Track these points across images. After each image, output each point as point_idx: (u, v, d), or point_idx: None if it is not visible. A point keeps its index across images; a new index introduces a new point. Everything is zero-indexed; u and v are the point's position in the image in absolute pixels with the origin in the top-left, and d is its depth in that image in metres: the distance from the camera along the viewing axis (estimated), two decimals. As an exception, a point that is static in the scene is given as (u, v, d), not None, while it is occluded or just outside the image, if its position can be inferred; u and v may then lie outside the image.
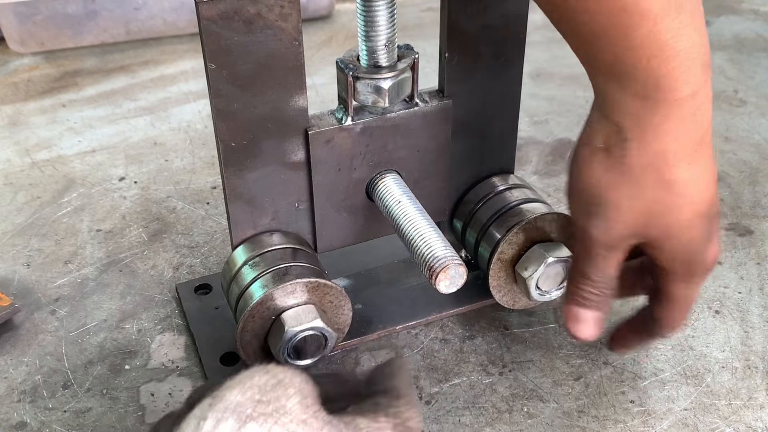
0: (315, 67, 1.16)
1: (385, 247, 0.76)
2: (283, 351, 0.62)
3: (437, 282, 0.58)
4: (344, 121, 0.64)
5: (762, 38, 1.24)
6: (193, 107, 1.08)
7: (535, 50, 1.20)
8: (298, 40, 0.59)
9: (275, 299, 0.62)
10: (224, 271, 0.67)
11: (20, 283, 0.78)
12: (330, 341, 0.63)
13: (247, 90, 0.59)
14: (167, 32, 1.25)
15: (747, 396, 0.65)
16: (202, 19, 0.55)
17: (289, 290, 0.62)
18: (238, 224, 0.65)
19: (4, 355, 0.70)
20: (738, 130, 1.00)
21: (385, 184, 0.66)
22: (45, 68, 1.18)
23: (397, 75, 0.62)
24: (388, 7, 0.60)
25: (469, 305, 0.73)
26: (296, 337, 0.61)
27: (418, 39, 1.21)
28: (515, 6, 0.65)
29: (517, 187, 0.72)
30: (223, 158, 0.62)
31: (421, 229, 0.60)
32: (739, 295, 0.75)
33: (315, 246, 0.69)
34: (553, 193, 0.89)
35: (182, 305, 0.74)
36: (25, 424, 0.64)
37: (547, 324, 0.72)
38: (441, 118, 0.67)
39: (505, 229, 0.67)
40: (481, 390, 0.66)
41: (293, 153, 0.64)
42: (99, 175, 0.94)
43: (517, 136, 0.73)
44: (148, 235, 0.84)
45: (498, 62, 0.67)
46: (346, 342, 0.69)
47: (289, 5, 0.57)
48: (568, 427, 0.63)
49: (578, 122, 1.03)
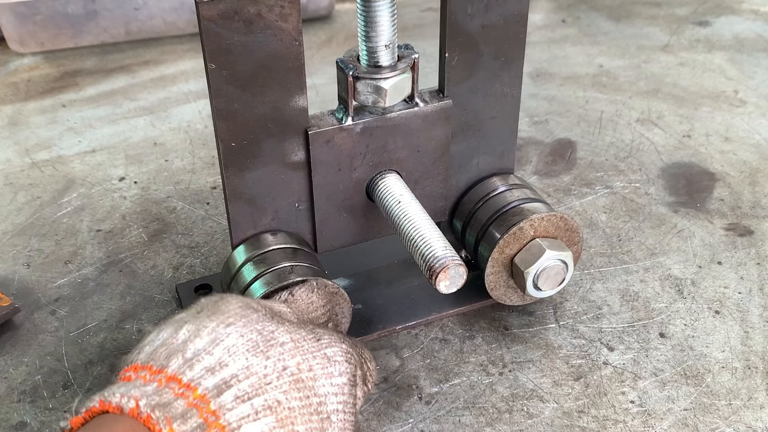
0: (315, 67, 1.16)
1: (385, 247, 0.76)
2: None
3: (437, 282, 0.58)
4: (344, 121, 0.64)
5: (762, 38, 1.24)
6: (193, 107, 1.08)
7: (535, 50, 1.20)
8: (298, 40, 0.59)
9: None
10: (224, 271, 0.67)
11: (20, 283, 0.78)
12: None
13: (248, 90, 0.59)
14: (167, 32, 1.25)
15: (747, 396, 0.65)
16: (202, 19, 0.55)
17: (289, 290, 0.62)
18: (238, 224, 0.65)
19: (4, 355, 0.70)
20: (738, 130, 1.00)
21: (386, 184, 0.66)
22: (45, 68, 1.18)
23: (397, 75, 0.62)
24: (389, 8, 0.61)
25: (469, 305, 0.73)
26: None
27: (418, 39, 1.21)
28: (515, 6, 0.65)
29: (517, 187, 0.72)
30: (223, 158, 0.62)
31: (421, 229, 0.60)
32: (739, 295, 0.75)
33: (315, 246, 0.69)
34: (553, 193, 0.90)
35: (182, 305, 0.74)
36: (25, 424, 0.64)
37: (547, 324, 0.72)
38: (441, 118, 0.67)
39: (505, 228, 0.67)
40: (481, 390, 0.66)
41: (293, 153, 0.64)
42: (99, 175, 0.94)
43: (517, 136, 0.73)
44: (148, 236, 0.84)
45: (498, 62, 0.67)
46: None
47: (289, 5, 0.57)
48: (568, 427, 0.63)
49: (578, 122, 1.03)
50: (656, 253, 0.80)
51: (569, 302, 0.74)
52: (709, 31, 1.27)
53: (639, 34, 1.26)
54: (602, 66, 1.17)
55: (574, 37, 1.25)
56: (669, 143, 0.98)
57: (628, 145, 0.98)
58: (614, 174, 0.92)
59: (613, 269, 0.78)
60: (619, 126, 1.02)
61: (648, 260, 0.79)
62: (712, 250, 0.80)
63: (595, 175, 0.92)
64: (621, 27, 1.29)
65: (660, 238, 0.82)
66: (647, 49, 1.21)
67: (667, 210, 0.86)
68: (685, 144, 0.98)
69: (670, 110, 1.05)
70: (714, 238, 0.82)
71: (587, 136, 1.00)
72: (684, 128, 1.01)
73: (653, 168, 0.93)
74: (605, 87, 1.11)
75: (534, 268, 0.66)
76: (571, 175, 0.92)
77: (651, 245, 0.81)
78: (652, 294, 0.75)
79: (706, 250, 0.80)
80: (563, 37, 1.25)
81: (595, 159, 0.95)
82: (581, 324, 0.72)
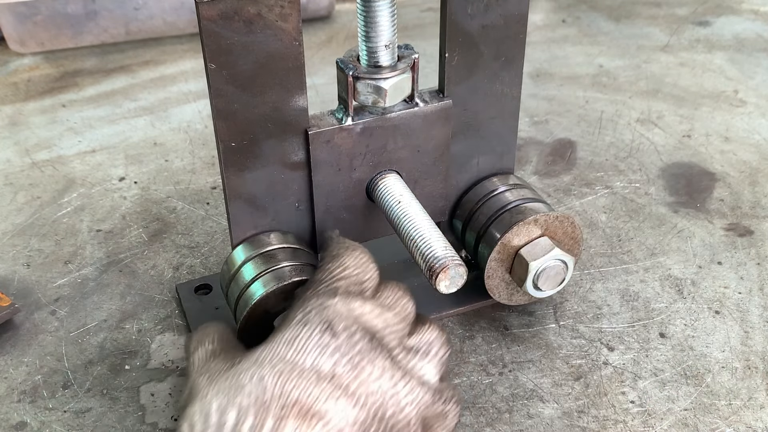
0: (315, 67, 1.16)
1: (385, 247, 0.76)
2: None
3: (437, 282, 0.58)
4: (344, 122, 0.64)
5: (762, 38, 1.24)
6: (193, 107, 1.08)
7: (535, 50, 1.20)
8: (298, 40, 0.59)
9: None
10: (224, 271, 0.67)
11: (20, 283, 0.78)
12: None
13: (248, 90, 0.59)
14: (167, 32, 1.25)
15: (747, 396, 0.65)
16: (202, 19, 0.55)
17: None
18: (238, 224, 0.65)
19: (4, 355, 0.70)
20: (738, 130, 1.00)
21: (385, 184, 0.66)
22: (45, 68, 1.18)
23: (397, 75, 0.62)
24: (389, 8, 0.61)
25: (469, 305, 0.73)
26: None
27: (418, 39, 1.21)
28: (515, 6, 0.65)
29: (517, 187, 0.72)
30: (223, 158, 0.62)
31: (421, 229, 0.60)
32: (739, 295, 0.75)
33: (315, 246, 0.69)
34: (553, 193, 0.90)
35: (182, 305, 0.74)
36: (25, 424, 0.64)
37: (547, 324, 0.72)
38: (441, 118, 0.67)
39: (504, 228, 0.67)
40: (481, 390, 0.66)
41: (293, 153, 0.64)
42: (99, 175, 0.94)
43: (517, 136, 0.73)
44: (148, 236, 0.84)
45: (498, 62, 0.67)
46: None
47: (289, 5, 0.57)
48: (568, 427, 0.63)
49: (578, 122, 1.03)
50: (656, 253, 0.80)
51: (569, 302, 0.74)
52: (709, 31, 1.27)
53: (639, 34, 1.26)
54: (602, 66, 1.17)
55: (574, 37, 1.25)
56: (669, 143, 0.98)
57: (628, 145, 0.98)
58: (614, 174, 0.92)
59: (613, 269, 0.78)
60: (619, 126, 1.02)
61: (648, 260, 0.79)
62: (712, 250, 0.80)
63: (595, 175, 0.92)
64: (621, 27, 1.29)
65: (660, 238, 0.82)
66: (647, 49, 1.21)
67: (667, 210, 0.86)
68: (685, 144, 0.98)
69: (670, 110, 1.05)
70: (714, 238, 0.82)
71: (587, 136, 1.00)
72: (684, 128, 1.01)
73: (653, 168, 0.93)
74: (605, 87, 1.11)
75: (539, 263, 0.66)
76: (571, 175, 0.92)
77: (651, 245, 0.81)
78: (652, 294, 0.75)
79: (706, 250, 0.80)
80: (563, 37, 1.25)
81: (595, 159, 0.95)
82: (581, 324, 0.72)
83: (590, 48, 1.22)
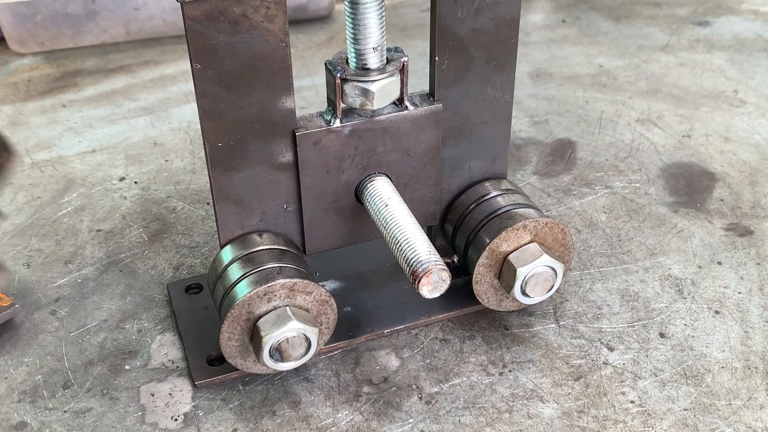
0: (315, 67, 1.16)
1: (376, 250, 0.76)
2: (265, 352, 0.61)
3: (420, 287, 0.58)
4: (332, 123, 0.63)
5: (762, 38, 1.24)
6: (193, 107, 1.08)
7: (535, 50, 1.20)
8: (284, 41, 0.58)
9: (259, 300, 0.62)
10: (210, 271, 0.67)
11: (20, 283, 0.78)
12: (313, 343, 0.63)
13: (234, 90, 0.59)
14: (167, 32, 1.25)
15: (747, 396, 0.65)
16: (186, 18, 0.56)
17: (273, 291, 0.61)
18: (225, 224, 0.65)
19: (5, 355, 0.70)
20: (738, 130, 1.00)
21: (374, 187, 0.66)
22: (45, 68, 1.18)
23: (386, 78, 0.62)
24: (377, 10, 0.60)
25: (458, 310, 0.72)
26: (279, 338, 0.61)
27: (418, 39, 1.21)
28: (506, 10, 0.65)
29: (509, 192, 0.71)
30: (210, 158, 0.62)
31: (406, 233, 0.60)
32: (739, 295, 0.75)
33: (303, 248, 0.69)
34: (553, 193, 0.90)
35: (172, 304, 0.74)
36: (26, 424, 0.64)
37: (547, 324, 0.72)
38: (431, 122, 0.67)
39: (493, 233, 0.67)
40: (481, 390, 0.66)
41: (281, 154, 0.64)
42: (99, 175, 0.94)
43: (509, 141, 0.72)
44: (148, 236, 0.84)
45: (489, 66, 0.67)
46: (333, 344, 0.69)
47: (275, 6, 0.57)
48: (568, 427, 0.63)
49: (578, 122, 1.03)
50: (656, 253, 0.80)
51: (569, 302, 0.74)
52: (709, 31, 1.27)
53: (639, 34, 1.26)
54: (602, 66, 1.17)
55: (574, 37, 1.25)
56: (669, 143, 0.98)
57: (628, 145, 0.98)
58: (614, 174, 0.92)
59: (613, 269, 0.78)
60: (619, 126, 1.02)
61: (648, 260, 0.79)
62: (712, 250, 0.80)
63: (595, 175, 0.92)
64: (621, 27, 1.29)
65: (660, 238, 0.82)
66: (647, 49, 1.21)
67: (667, 210, 0.86)
68: (685, 144, 0.98)
69: (670, 110, 1.05)
70: (714, 238, 0.82)
71: (587, 136, 1.00)
72: (684, 128, 1.01)
73: (653, 168, 0.93)
74: (605, 87, 1.11)
75: (527, 269, 0.66)
76: (571, 175, 0.92)
77: (651, 245, 0.81)
78: (652, 294, 0.75)
79: (706, 250, 0.80)
80: (563, 37, 1.25)
81: (595, 159, 0.95)
82: (581, 324, 0.72)
83: (590, 48, 1.22)
